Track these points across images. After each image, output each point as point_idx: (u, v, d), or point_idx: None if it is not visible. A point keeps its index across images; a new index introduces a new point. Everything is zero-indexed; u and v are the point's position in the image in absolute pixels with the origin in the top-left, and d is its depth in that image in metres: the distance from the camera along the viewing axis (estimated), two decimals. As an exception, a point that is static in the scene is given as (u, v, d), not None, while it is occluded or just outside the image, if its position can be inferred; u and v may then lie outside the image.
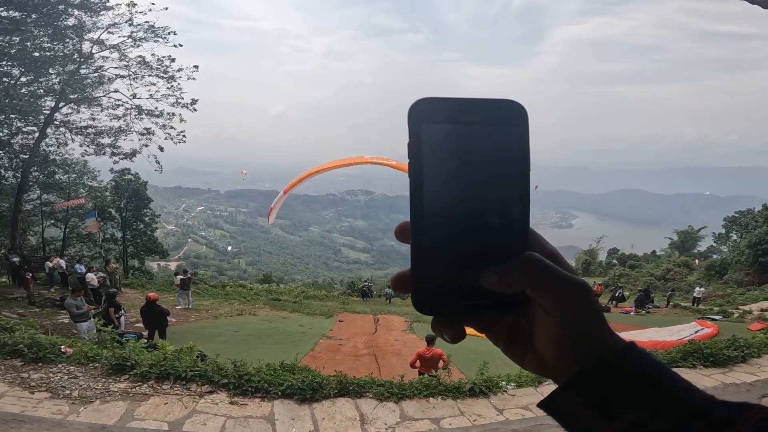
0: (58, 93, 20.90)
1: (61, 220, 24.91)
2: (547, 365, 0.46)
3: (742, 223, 36.96)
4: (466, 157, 0.41)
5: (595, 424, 0.42)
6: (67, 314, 12.92)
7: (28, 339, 6.89)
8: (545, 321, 0.44)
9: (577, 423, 0.44)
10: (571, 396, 0.44)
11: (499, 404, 6.55)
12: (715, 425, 0.38)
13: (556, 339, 0.44)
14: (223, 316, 17.63)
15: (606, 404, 0.42)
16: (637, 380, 0.42)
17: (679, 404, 0.40)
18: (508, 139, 0.41)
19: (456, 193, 0.41)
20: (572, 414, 0.44)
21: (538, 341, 0.45)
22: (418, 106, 0.41)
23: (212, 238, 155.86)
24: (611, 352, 0.44)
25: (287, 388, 6.24)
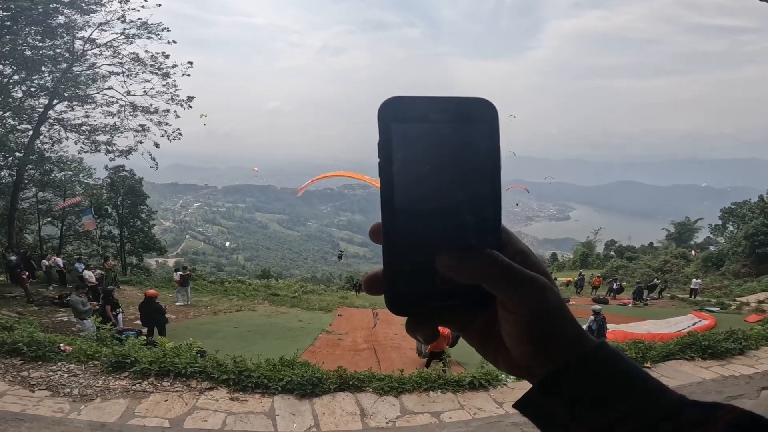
0: (52, 91, 20.72)
1: (58, 218, 24.77)
2: (519, 365, 0.46)
3: (738, 215, 37.12)
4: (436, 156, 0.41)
5: (568, 426, 0.42)
6: (66, 312, 12.96)
7: (28, 337, 6.87)
8: (508, 319, 0.44)
9: (551, 424, 0.43)
10: (544, 396, 0.43)
11: (498, 397, 6.59)
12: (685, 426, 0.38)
13: (520, 337, 0.44)
14: (222, 312, 17.62)
15: (577, 405, 0.41)
16: (608, 380, 0.42)
17: (649, 405, 0.40)
18: (478, 138, 0.41)
19: (426, 193, 0.41)
20: (547, 414, 0.44)
21: (507, 340, 0.45)
22: (388, 105, 0.41)
23: (210, 234, 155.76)
24: (581, 351, 0.43)
25: (287, 384, 6.25)
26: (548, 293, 0.44)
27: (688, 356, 7.89)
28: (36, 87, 20.65)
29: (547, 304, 0.43)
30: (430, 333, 0.47)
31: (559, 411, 0.42)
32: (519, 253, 0.46)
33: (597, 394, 0.41)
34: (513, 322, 0.43)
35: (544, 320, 0.43)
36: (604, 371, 0.42)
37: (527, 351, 0.44)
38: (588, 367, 0.42)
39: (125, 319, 12.61)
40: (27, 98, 20.62)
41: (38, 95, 20.91)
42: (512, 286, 0.43)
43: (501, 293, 0.43)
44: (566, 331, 0.44)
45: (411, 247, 0.42)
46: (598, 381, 0.42)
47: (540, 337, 0.43)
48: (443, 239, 0.42)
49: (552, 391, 0.43)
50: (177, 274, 18.68)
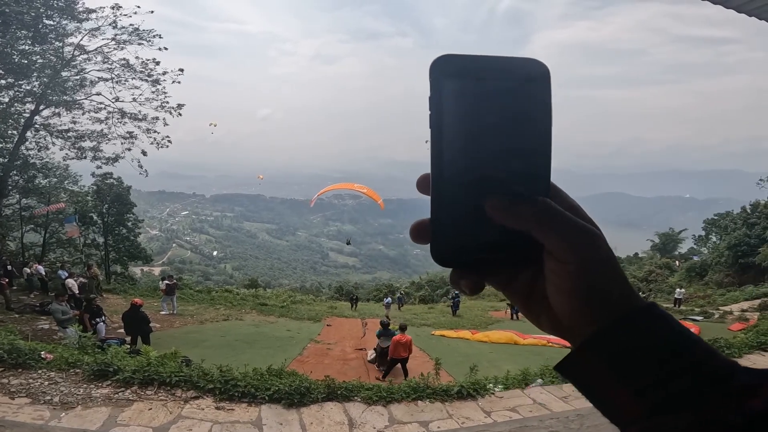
0: (39, 96, 20.45)
1: (41, 225, 24.28)
2: (562, 324, 0.44)
3: (721, 225, 37.87)
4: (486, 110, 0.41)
5: (611, 386, 0.40)
6: (47, 320, 12.69)
7: (8, 345, 6.70)
8: (556, 271, 0.42)
9: (592, 386, 0.42)
10: (588, 357, 0.41)
11: (486, 406, 6.59)
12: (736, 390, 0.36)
13: (568, 291, 0.42)
14: (209, 321, 17.40)
15: (623, 366, 0.39)
16: (657, 340, 0.39)
17: (698, 367, 0.38)
18: (529, 95, 0.41)
19: (476, 146, 0.41)
20: (588, 376, 0.42)
21: (552, 296, 0.43)
22: (440, 62, 0.41)
23: (197, 242, 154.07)
24: (631, 309, 0.41)
25: (274, 393, 6.18)
26: (601, 243, 0.42)
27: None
28: (23, 92, 20.35)
29: (599, 255, 0.42)
30: (475, 284, 0.46)
31: (602, 371, 0.40)
32: (570, 208, 0.44)
33: (645, 354, 0.39)
34: (561, 273, 0.41)
35: (595, 271, 0.41)
36: (653, 331, 0.40)
37: (573, 306, 0.42)
38: (637, 326, 0.40)
39: (108, 328, 12.36)
40: (14, 103, 20.28)
41: (25, 100, 20.60)
42: (564, 232, 0.41)
43: (552, 240, 0.41)
44: (616, 286, 0.42)
45: (459, 198, 0.42)
46: (647, 340, 0.39)
47: (589, 290, 0.41)
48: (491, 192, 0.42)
49: (597, 350, 0.41)
50: (163, 282, 18.43)
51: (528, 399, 6.82)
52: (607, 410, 0.41)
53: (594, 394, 0.42)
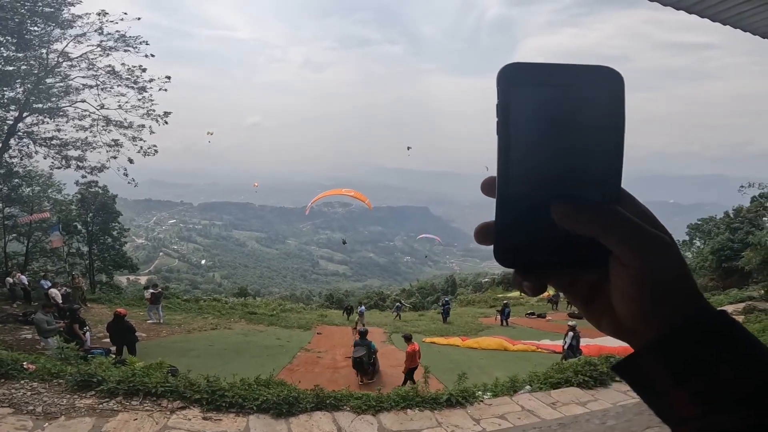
0: (23, 103, 20.12)
1: (24, 234, 23.84)
2: (625, 327, 0.44)
3: (704, 230, 38.52)
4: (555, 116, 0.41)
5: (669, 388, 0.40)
6: (30, 330, 12.47)
7: (-10, 355, 6.56)
8: (622, 276, 0.42)
9: (650, 389, 0.42)
10: (648, 360, 0.42)
11: (475, 414, 6.58)
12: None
13: (633, 297, 0.42)
14: (197, 330, 17.15)
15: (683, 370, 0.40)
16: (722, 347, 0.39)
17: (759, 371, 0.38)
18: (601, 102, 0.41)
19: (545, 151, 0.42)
20: (646, 377, 0.42)
21: (616, 301, 0.43)
22: (507, 70, 0.42)
23: (185, 251, 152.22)
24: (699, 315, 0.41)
25: (263, 403, 6.11)
26: (672, 251, 0.42)
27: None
28: (7, 99, 19.99)
29: (670, 263, 0.42)
30: (538, 286, 0.46)
31: (661, 373, 0.41)
32: (640, 214, 0.44)
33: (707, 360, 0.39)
34: (629, 279, 0.41)
35: (662, 279, 0.41)
36: (718, 337, 0.40)
37: (638, 312, 0.42)
38: (702, 331, 0.40)
39: (93, 338, 12.14)
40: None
41: (9, 107, 20.23)
42: (632, 239, 0.41)
43: (619, 246, 0.41)
44: (684, 294, 0.42)
45: (525, 201, 0.42)
46: (711, 346, 0.39)
47: (655, 298, 0.41)
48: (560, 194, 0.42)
49: (658, 354, 0.41)
50: (148, 292, 18.22)
51: (516, 406, 6.83)
52: (660, 410, 0.42)
53: (649, 394, 0.42)
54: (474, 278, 69.88)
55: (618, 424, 5.92)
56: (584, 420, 6.17)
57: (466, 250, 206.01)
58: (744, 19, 4.24)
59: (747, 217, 30.48)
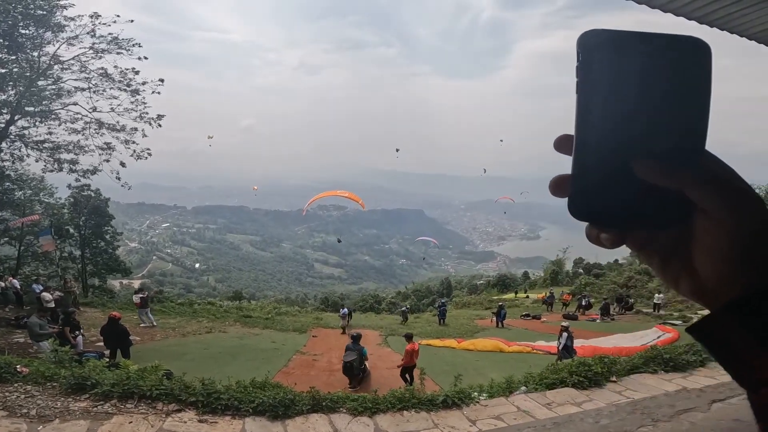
0: (14, 106, 19.93)
1: (16, 239, 23.61)
2: (705, 287, 0.42)
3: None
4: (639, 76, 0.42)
5: (751, 352, 0.39)
6: (22, 334, 12.39)
7: (-19, 359, 6.51)
8: (710, 231, 0.41)
9: (728, 350, 0.41)
10: (731, 320, 0.40)
11: (471, 415, 6.60)
12: None
13: (721, 252, 0.40)
14: (191, 334, 17.06)
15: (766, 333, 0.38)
16: None
17: None
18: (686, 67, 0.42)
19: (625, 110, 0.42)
20: (724, 339, 0.41)
21: (700, 258, 0.42)
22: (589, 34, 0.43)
23: (179, 255, 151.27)
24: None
25: (259, 405, 6.09)
26: (761, 206, 0.41)
27: (651, 369, 8.12)
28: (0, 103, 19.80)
29: (760, 217, 0.40)
30: (616, 239, 0.45)
31: (741, 335, 0.39)
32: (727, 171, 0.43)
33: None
34: (719, 235, 0.40)
35: (753, 233, 0.40)
36: None
37: (726, 271, 0.40)
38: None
39: (86, 341, 12.06)
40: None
41: (1, 111, 20.03)
42: (723, 191, 0.40)
43: (712, 201, 0.40)
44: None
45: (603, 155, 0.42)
46: None
47: (744, 253, 0.40)
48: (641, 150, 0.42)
49: (741, 313, 0.39)
50: (137, 296, 18.24)
51: (512, 407, 6.86)
52: (738, 373, 0.41)
53: (727, 355, 0.41)
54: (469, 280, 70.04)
55: (611, 423, 5.96)
56: (578, 419, 6.21)
57: (462, 252, 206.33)
58: (732, 21, 4.30)
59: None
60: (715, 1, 3.99)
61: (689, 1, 3.98)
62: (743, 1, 3.96)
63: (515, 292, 43.88)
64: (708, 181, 0.40)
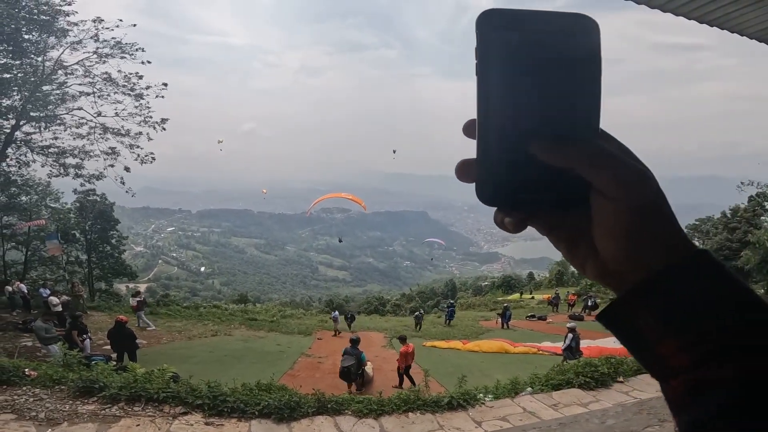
0: (19, 111, 20.09)
1: (23, 243, 23.82)
2: (609, 269, 0.42)
3: (702, 230, 38.67)
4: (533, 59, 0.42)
5: (657, 336, 0.38)
6: (30, 337, 12.51)
7: (-9, 362, 6.59)
8: (606, 210, 0.40)
9: (636, 337, 0.40)
10: (636, 304, 0.39)
11: (477, 417, 6.60)
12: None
13: (618, 231, 0.40)
14: (197, 337, 17.15)
15: (672, 315, 0.37)
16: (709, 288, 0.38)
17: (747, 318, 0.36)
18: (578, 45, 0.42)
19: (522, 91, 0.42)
20: (632, 325, 0.40)
21: (600, 238, 0.41)
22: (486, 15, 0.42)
23: (184, 259, 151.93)
24: (684, 254, 0.39)
25: (264, 408, 6.12)
26: (654, 183, 0.41)
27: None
28: (4, 108, 19.96)
29: (653, 195, 0.40)
30: (519, 223, 0.45)
31: (648, 320, 0.38)
32: (622, 149, 0.43)
33: (696, 303, 0.37)
34: (611, 212, 0.40)
35: (647, 211, 0.40)
36: (705, 278, 0.38)
37: (624, 250, 0.40)
38: (690, 273, 0.38)
39: (93, 345, 12.16)
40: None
41: (6, 116, 20.20)
42: (616, 169, 0.40)
43: (603, 177, 0.40)
44: (669, 228, 0.40)
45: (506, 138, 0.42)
46: (699, 288, 0.38)
47: (640, 231, 0.39)
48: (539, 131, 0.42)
49: (646, 297, 0.39)
50: (134, 299, 18.52)
51: (518, 408, 6.85)
52: (648, 361, 0.40)
53: (636, 343, 0.40)
54: (474, 282, 69.95)
55: (617, 423, 5.94)
56: (584, 419, 6.19)
57: (466, 254, 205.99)
58: (731, 21, 4.29)
59: (744, 217, 30.64)
60: (713, 1, 3.99)
61: (688, 0, 3.98)
62: (741, 0, 3.97)
63: (520, 293, 43.76)
64: (601, 159, 0.40)
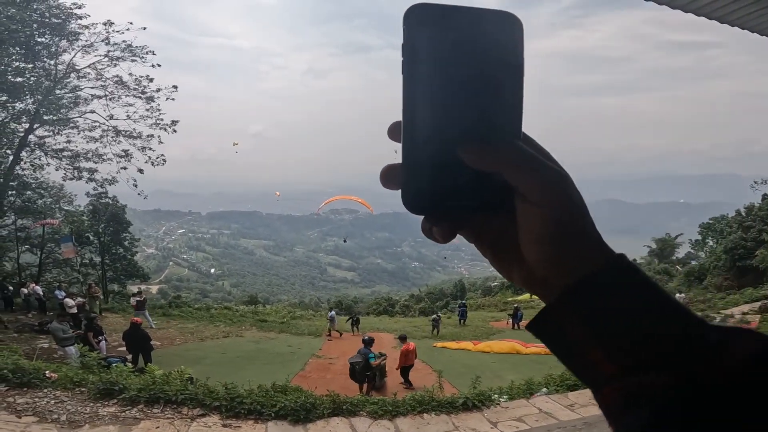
0: (33, 114, 20.36)
1: (37, 246, 24.15)
2: (536, 276, 0.41)
3: (717, 229, 38.12)
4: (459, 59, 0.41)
5: (586, 345, 0.37)
6: (46, 339, 12.65)
7: (12, 364, 6.70)
8: (528, 214, 0.40)
9: (566, 344, 0.39)
10: (563, 311, 0.39)
11: (492, 417, 6.57)
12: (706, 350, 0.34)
13: (541, 236, 0.39)
14: (209, 338, 17.32)
15: (599, 323, 0.37)
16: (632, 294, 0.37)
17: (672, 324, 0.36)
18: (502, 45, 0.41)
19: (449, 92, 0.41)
20: (561, 334, 0.39)
21: (524, 244, 0.41)
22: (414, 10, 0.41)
23: (194, 260, 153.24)
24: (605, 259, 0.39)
25: (280, 409, 6.15)
26: (573, 188, 0.41)
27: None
28: (17, 111, 20.24)
29: (573, 199, 0.40)
30: (447, 232, 0.43)
31: (576, 328, 0.38)
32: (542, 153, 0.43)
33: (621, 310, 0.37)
34: (534, 216, 0.39)
35: (569, 214, 0.39)
36: (627, 283, 0.38)
37: (547, 253, 0.39)
38: (612, 278, 0.38)
39: (108, 347, 12.31)
40: (9, 121, 20.20)
41: (20, 120, 20.50)
42: (537, 173, 0.39)
43: (524, 181, 0.39)
44: (589, 234, 0.40)
45: (431, 143, 0.41)
46: (623, 294, 0.37)
47: (563, 234, 0.39)
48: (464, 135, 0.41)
49: (573, 305, 0.38)
50: (133, 299, 18.82)
51: (534, 408, 6.81)
52: (580, 370, 0.39)
53: (567, 352, 0.40)
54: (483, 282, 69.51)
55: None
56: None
57: (474, 254, 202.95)
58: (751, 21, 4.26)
59: (759, 216, 30.11)
60: (734, 2, 3.96)
61: (710, 1, 3.95)
62: (762, 1, 3.93)
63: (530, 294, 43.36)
64: (524, 163, 0.39)
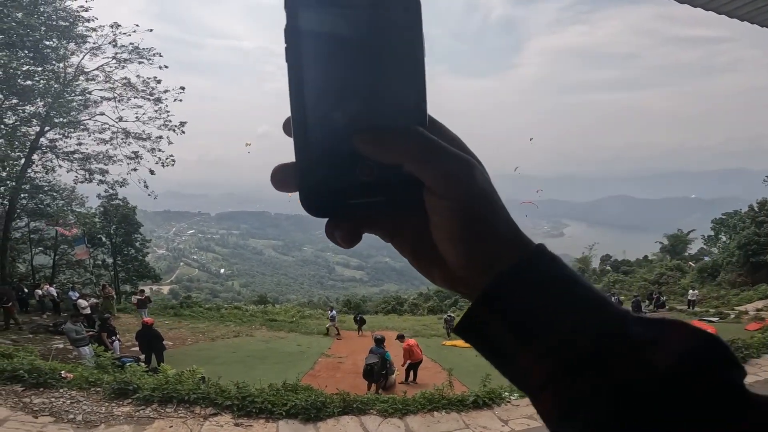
0: (43, 117, 20.61)
1: (50, 248, 24.51)
2: (455, 275, 0.38)
3: (729, 225, 37.55)
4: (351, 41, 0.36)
5: (515, 347, 0.35)
6: (61, 339, 12.86)
7: (28, 364, 6.83)
8: (437, 209, 0.36)
9: (495, 348, 0.36)
10: (485, 312, 0.36)
11: (503, 415, 6.55)
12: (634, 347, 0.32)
13: (452, 232, 0.36)
14: (220, 338, 17.47)
15: (522, 323, 0.34)
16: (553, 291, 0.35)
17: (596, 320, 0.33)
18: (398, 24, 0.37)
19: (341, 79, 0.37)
20: (488, 338, 0.36)
21: (438, 242, 0.37)
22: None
23: (204, 261, 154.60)
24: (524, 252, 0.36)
25: (291, 408, 6.19)
26: (478, 172, 0.37)
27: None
28: (28, 114, 20.51)
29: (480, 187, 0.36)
30: (351, 234, 0.39)
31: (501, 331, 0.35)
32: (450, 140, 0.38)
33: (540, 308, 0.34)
34: (443, 211, 0.36)
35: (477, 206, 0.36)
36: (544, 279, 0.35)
37: (461, 251, 0.36)
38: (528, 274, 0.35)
39: (121, 347, 12.47)
40: (20, 124, 20.50)
41: (31, 122, 20.79)
42: (441, 163, 0.35)
43: (429, 173, 0.35)
44: (502, 222, 0.37)
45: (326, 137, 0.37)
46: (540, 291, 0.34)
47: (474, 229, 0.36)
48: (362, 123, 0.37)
49: (494, 306, 0.35)
50: (135, 297, 19.19)
51: (547, 407, 6.77)
52: (513, 375, 0.36)
53: (498, 356, 0.36)
54: (492, 280, 69.08)
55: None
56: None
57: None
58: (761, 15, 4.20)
59: (772, 211, 29.62)
60: None
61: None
62: None
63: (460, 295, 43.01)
64: (427, 152, 0.35)
